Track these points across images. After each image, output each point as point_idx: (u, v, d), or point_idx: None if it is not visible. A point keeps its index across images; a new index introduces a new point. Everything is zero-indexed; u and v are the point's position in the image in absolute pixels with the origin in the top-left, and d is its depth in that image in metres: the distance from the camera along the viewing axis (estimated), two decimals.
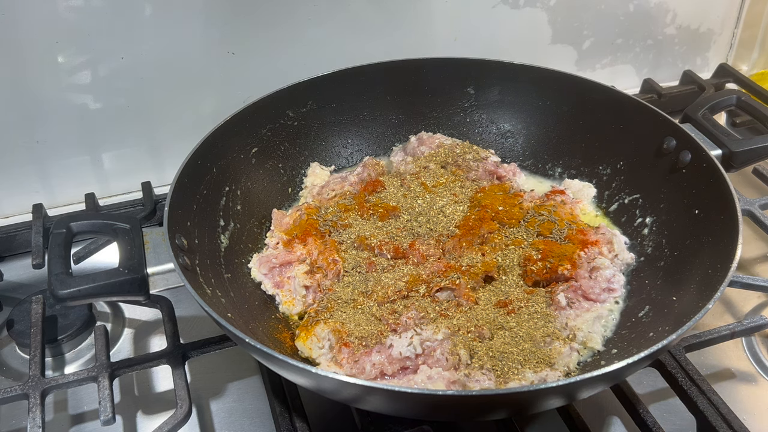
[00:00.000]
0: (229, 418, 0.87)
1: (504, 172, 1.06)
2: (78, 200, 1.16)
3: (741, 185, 1.22)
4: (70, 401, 0.90)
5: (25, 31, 1.02)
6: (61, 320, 0.97)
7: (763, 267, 1.09)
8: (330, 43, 1.19)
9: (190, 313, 1.00)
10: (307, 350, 0.82)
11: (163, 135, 1.19)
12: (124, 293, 0.76)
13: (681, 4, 1.41)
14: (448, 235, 0.94)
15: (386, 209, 0.98)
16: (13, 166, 1.13)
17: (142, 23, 1.07)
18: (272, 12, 1.13)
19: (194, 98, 1.17)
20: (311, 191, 1.06)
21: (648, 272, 0.90)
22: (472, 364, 0.77)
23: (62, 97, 1.10)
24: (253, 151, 1.03)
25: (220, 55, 1.14)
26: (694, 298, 0.76)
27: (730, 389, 0.89)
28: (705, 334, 0.88)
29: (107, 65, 1.09)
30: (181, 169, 0.88)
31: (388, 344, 0.78)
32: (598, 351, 0.82)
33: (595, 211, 1.03)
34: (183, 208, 0.87)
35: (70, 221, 0.80)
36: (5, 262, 1.12)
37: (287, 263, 0.92)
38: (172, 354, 0.87)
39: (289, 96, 1.06)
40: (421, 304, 0.83)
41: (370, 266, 0.90)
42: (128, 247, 0.78)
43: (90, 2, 1.03)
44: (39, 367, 0.85)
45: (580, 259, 0.88)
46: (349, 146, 1.15)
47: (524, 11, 1.30)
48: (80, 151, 1.16)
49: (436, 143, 1.10)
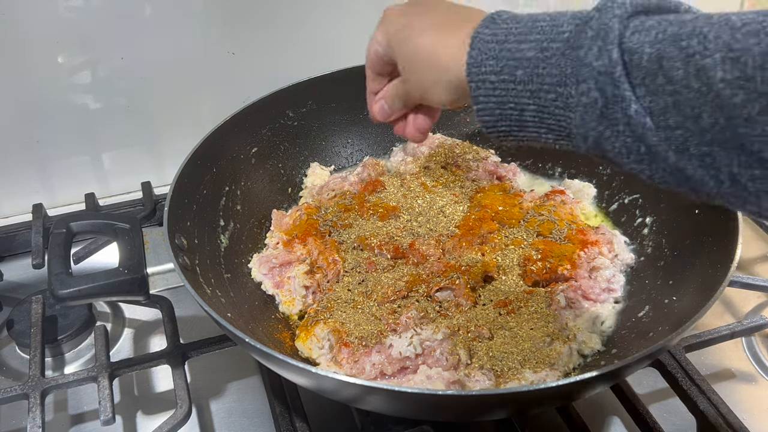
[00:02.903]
0: (229, 418, 0.87)
1: (504, 172, 1.06)
2: (78, 200, 1.16)
3: None
4: (70, 401, 0.90)
5: (26, 31, 1.02)
6: (61, 320, 0.97)
7: (763, 267, 1.09)
8: (330, 43, 1.19)
9: (190, 313, 1.00)
10: (306, 350, 0.82)
11: (163, 135, 1.19)
12: (124, 293, 0.76)
13: None
14: (448, 235, 0.94)
15: (386, 209, 0.98)
16: (13, 166, 1.13)
17: (142, 23, 1.07)
18: (272, 12, 1.13)
19: (194, 98, 1.17)
20: (311, 191, 1.06)
21: (648, 272, 0.90)
22: (471, 364, 0.77)
23: (62, 97, 1.10)
24: (253, 151, 1.03)
25: (220, 55, 1.14)
26: (694, 298, 0.76)
27: (730, 389, 0.89)
28: (705, 334, 0.88)
29: (107, 65, 1.09)
30: (181, 169, 0.88)
31: (387, 344, 0.78)
32: (598, 351, 0.82)
33: (595, 211, 1.03)
34: (183, 208, 0.87)
35: (70, 221, 0.80)
36: (5, 262, 1.12)
37: (287, 263, 0.92)
38: (172, 354, 0.87)
39: (289, 96, 1.06)
40: (421, 304, 0.83)
41: (370, 266, 0.90)
42: (128, 247, 0.78)
43: (90, 2, 1.03)
44: (39, 367, 0.85)
45: (579, 259, 0.88)
46: (349, 146, 1.15)
47: (524, 11, 1.29)
48: (80, 151, 1.16)
49: (436, 143, 1.10)
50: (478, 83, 0.56)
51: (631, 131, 0.48)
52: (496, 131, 0.58)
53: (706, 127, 0.44)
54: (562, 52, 0.51)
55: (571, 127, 0.52)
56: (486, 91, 0.56)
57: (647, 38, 0.47)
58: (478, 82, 0.56)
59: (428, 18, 0.64)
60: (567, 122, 0.52)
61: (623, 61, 0.47)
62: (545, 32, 0.53)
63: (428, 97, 0.65)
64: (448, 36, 0.60)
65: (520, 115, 0.55)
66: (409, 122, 0.75)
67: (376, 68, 0.72)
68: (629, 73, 0.47)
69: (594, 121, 0.50)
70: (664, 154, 0.47)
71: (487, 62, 0.55)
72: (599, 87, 0.48)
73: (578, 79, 0.50)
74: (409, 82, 0.67)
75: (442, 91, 0.62)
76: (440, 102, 0.64)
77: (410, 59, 0.65)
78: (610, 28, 0.48)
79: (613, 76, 0.47)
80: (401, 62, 0.66)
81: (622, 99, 0.47)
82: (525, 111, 0.54)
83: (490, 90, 0.55)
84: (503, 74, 0.54)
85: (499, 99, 0.55)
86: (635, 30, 0.48)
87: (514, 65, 0.53)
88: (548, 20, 0.53)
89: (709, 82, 0.43)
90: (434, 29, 0.62)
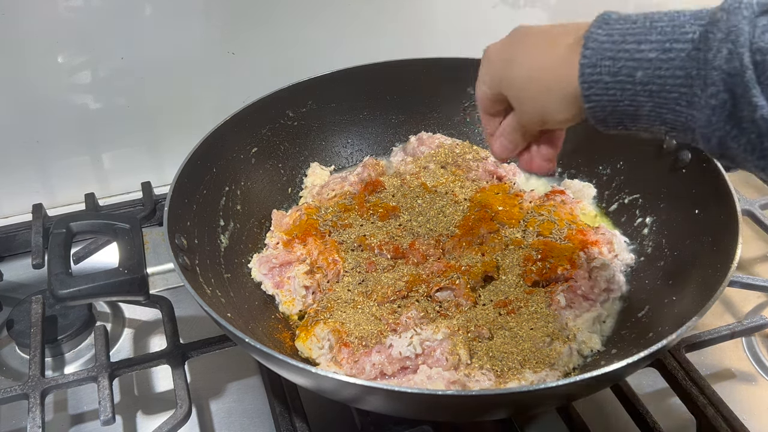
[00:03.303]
0: (229, 418, 0.87)
1: (504, 172, 1.06)
2: (78, 200, 1.16)
3: (741, 185, 1.22)
4: (70, 401, 0.90)
5: (25, 31, 1.01)
6: (61, 320, 0.97)
7: (763, 267, 1.09)
8: (330, 43, 1.19)
9: (190, 313, 1.00)
10: (306, 350, 0.82)
11: (163, 135, 1.19)
12: (123, 293, 0.76)
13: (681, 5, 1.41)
14: (448, 235, 0.94)
15: (386, 209, 0.98)
16: (13, 166, 1.13)
17: (142, 23, 1.07)
18: (272, 12, 1.13)
19: (194, 98, 1.17)
20: (311, 191, 1.06)
21: (648, 272, 0.90)
22: (471, 364, 0.77)
23: (62, 97, 1.10)
24: (253, 151, 1.03)
25: (220, 55, 1.14)
26: (694, 298, 0.76)
27: (730, 389, 0.89)
28: (705, 334, 0.88)
29: (107, 65, 1.09)
30: (181, 169, 0.88)
31: (387, 344, 0.78)
32: (598, 351, 0.82)
33: (595, 211, 1.03)
34: (183, 208, 0.87)
35: (70, 221, 0.81)
36: (5, 262, 1.12)
37: (287, 263, 0.92)
38: (172, 354, 0.87)
39: (289, 96, 1.06)
40: (421, 304, 0.83)
41: (370, 266, 0.90)
42: (128, 247, 0.78)
43: (90, 2, 1.03)
44: (39, 367, 0.85)
45: (579, 259, 0.88)
46: (349, 146, 1.15)
47: (524, 11, 1.30)
48: (80, 151, 1.16)
49: (436, 143, 1.10)
50: (590, 84, 0.55)
51: (758, 130, 0.48)
52: (605, 124, 0.57)
53: None
54: (688, 53, 0.50)
55: (694, 125, 0.52)
56: (599, 91, 0.55)
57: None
58: (591, 83, 0.55)
59: (529, 42, 0.62)
60: (689, 119, 0.52)
61: (754, 62, 0.47)
62: (666, 33, 0.52)
63: (547, 119, 0.63)
64: (553, 48, 0.59)
65: (636, 111, 0.54)
66: (533, 154, 0.72)
67: (489, 110, 0.70)
68: (760, 74, 0.47)
69: (721, 121, 0.50)
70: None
71: (603, 63, 0.54)
72: (729, 89, 0.48)
73: (706, 82, 0.49)
74: (525, 111, 0.64)
75: (560, 106, 0.60)
76: (561, 120, 0.62)
77: (520, 87, 0.63)
78: (741, 30, 0.48)
79: (744, 78, 0.47)
80: (512, 95, 0.64)
81: (750, 102, 0.47)
82: (642, 107, 0.54)
83: (604, 90, 0.54)
84: (621, 75, 0.53)
85: (612, 98, 0.55)
86: (765, 29, 0.47)
87: (634, 66, 0.53)
88: (667, 21, 0.53)
89: None
90: (537, 48, 0.61)
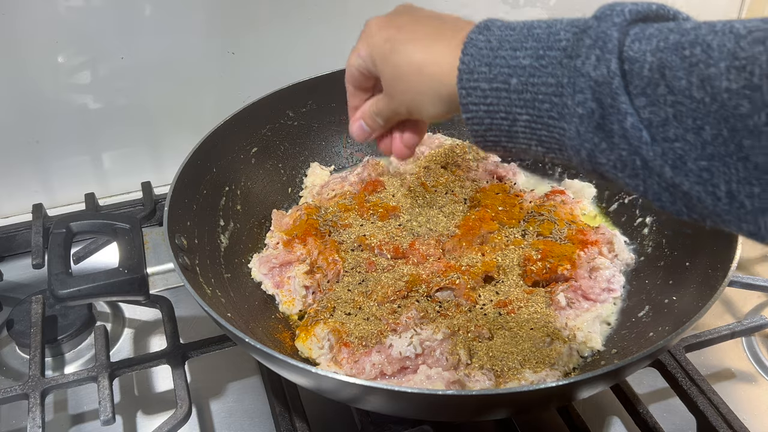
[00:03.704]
0: (229, 418, 0.87)
1: (504, 172, 1.06)
2: (78, 200, 1.16)
3: None
4: (70, 401, 0.90)
5: (25, 31, 1.01)
6: (61, 320, 0.97)
7: (763, 267, 1.09)
8: (330, 43, 1.19)
9: (190, 313, 1.00)
10: (306, 350, 0.82)
11: (163, 135, 1.19)
12: (123, 293, 0.76)
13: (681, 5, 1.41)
14: (448, 235, 0.94)
15: (386, 209, 0.98)
16: (13, 166, 1.13)
17: (142, 23, 1.07)
18: (272, 12, 1.13)
19: (194, 98, 1.17)
20: (311, 191, 1.06)
21: (648, 272, 0.90)
22: (471, 364, 0.77)
23: (62, 97, 1.10)
24: (253, 151, 1.03)
25: (220, 55, 1.14)
26: (694, 298, 0.77)
27: (730, 389, 0.89)
28: (705, 334, 0.88)
29: (107, 65, 1.09)
30: (181, 169, 0.88)
31: (387, 344, 0.78)
32: (598, 351, 0.82)
33: (595, 211, 1.03)
34: (183, 208, 0.87)
35: (70, 221, 0.80)
36: (5, 262, 1.12)
37: (287, 263, 0.92)
38: (172, 354, 0.87)
39: (289, 96, 1.06)
40: (421, 304, 0.83)
41: (370, 266, 0.90)
42: (128, 247, 0.78)
43: (90, 2, 1.03)
44: (39, 367, 0.85)
45: (579, 259, 0.88)
46: (349, 146, 1.15)
47: (524, 11, 1.30)
48: (80, 151, 1.16)
49: (436, 143, 1.10)
50: (468, 90, 0.53)
51: (627, 144, 0.46)
52: (484, 141, 0.56)
53: (708, 139, 0.42)
54: (559, 60, 0.49)
55: (565, 138, 0.50)
56: (477, 99, 0.53)
57: (648, 47, 0.45)
58: (469, 89, 0.53)
59: (414, 29, 0.61)
60: (560, 134, 0.50)
61: (622, 70, 0.46)
62: (541, 40, 0.50)
63: (415, 111, 0.62)
64: (436, 45, 0.58)
65: (511, 126, 0.53)
66: (395, 139, 0.71)
67: (357, 83, 0.69)
68: (628, 83, 0.46)
69: (589, 132, 0.48)
70: (659, 169, 0.45)
71: (480, 69, 0.52)
72: (596, 98, 0.46)
73: (575, 89, 0.47)
74: (394, 97, 0.63)
75: (431, 103, 0.59)
76: (428, 116, 0.61)
77: (395, 73, 0.61)
78: (609, 36, 0.46)
79: (611, 86, 0.45)
80: (385, 77, 0.63)
81: (618, 111, 0.45)
82: (517, 121, 0.52)
83: (481, 98, 0.53)
84: (496, 82, 0.52)
85: (489, 108, 0.53)
86: (635, 38, 0.46)
87: (509, 73, 0.51)
88: (544, 27, 0.51)
89: (713, 92, 0.41)
90: (421, 40, 0.59)
